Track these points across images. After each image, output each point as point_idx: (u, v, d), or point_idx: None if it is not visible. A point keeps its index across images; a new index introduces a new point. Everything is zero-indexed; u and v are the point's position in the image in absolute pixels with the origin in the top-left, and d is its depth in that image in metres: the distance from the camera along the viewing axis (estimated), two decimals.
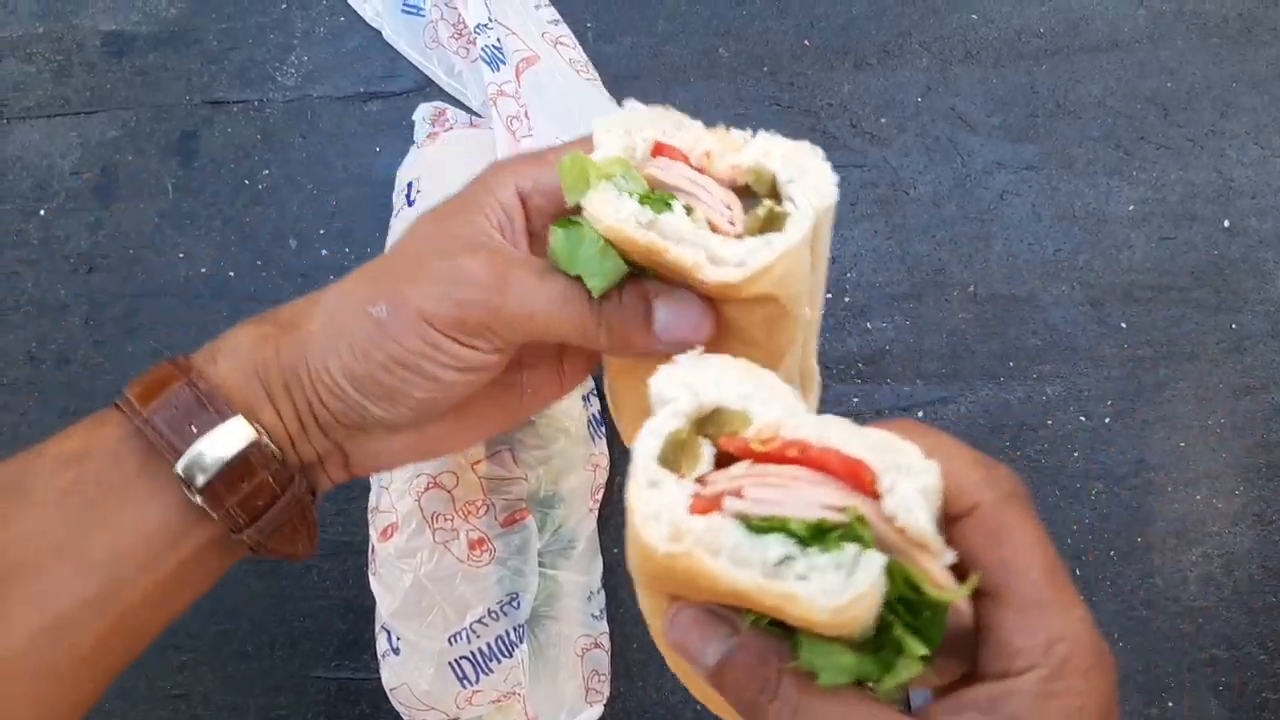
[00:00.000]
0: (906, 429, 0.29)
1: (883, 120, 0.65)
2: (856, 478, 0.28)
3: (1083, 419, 0.62)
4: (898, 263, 0.64)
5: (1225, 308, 0.62)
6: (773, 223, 0.34)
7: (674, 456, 0.29)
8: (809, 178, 0.35)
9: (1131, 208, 0.63)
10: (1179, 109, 0.64)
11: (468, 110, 0.64)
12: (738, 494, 0.28)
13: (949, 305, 0.63)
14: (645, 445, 0.29)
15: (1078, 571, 0.61)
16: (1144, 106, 0.64)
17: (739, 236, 0.34)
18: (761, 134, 0.36)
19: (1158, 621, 0.60)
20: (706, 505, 0.28)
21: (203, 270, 0.67)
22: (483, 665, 0.51)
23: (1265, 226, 0.63)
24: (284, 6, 0.69)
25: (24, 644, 0.32)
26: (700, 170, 0.36)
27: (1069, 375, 0.62)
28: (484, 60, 0.58)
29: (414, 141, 0.63)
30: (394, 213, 0.58)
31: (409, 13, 0.66)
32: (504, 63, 0.58)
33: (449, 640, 0.51)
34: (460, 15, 0.62)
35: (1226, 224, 0.63)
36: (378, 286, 0.36)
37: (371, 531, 0.54)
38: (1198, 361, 0.62)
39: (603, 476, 0.61)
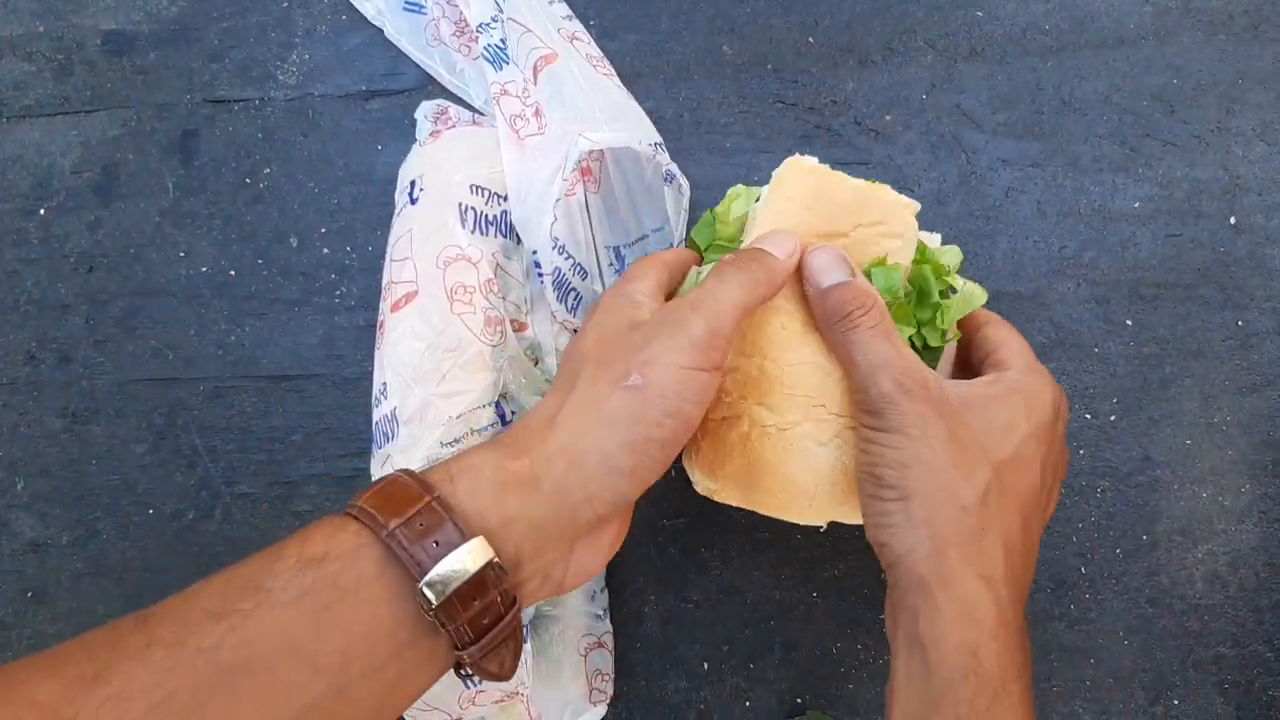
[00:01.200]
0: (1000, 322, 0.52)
1: (887, 117, 0.65)
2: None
3: (1088, 416, 0.62)
4: None
5: (1232, 305, 0.62)
6: None
7: None
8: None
9: (1137, 205, 0.63)
10: (1185, 106, 0.64)
11: (470, 108, 0.64)
12: None
13: None
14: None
15: (1083, 570, 0.60)
16: (1150, 103, 0.64)
17: None
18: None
19: (1163, 619, 0.60)
20: None
21: (203, 269, 0.67)
22: None
23: (1272, 223, 0.63)
24: (285, 5, 0.69)
25: None
26: None
27: (1074, 373, 0.62)
28: (486, 59, 0.58)
29: (416, 139, 0.62)
30: (396, 211, 0.58)
31: (411, 10, 0.66)
32: (507, 62, 0.57)
33: None
34: (461, 13, 0.62)
35: (1233, 221, 0.63)
36: (614, 370, 0.42)
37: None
38: (1204, 359, 0.62)
39: None
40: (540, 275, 0.56)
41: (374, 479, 0.41)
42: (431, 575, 0.35)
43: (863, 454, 0.45)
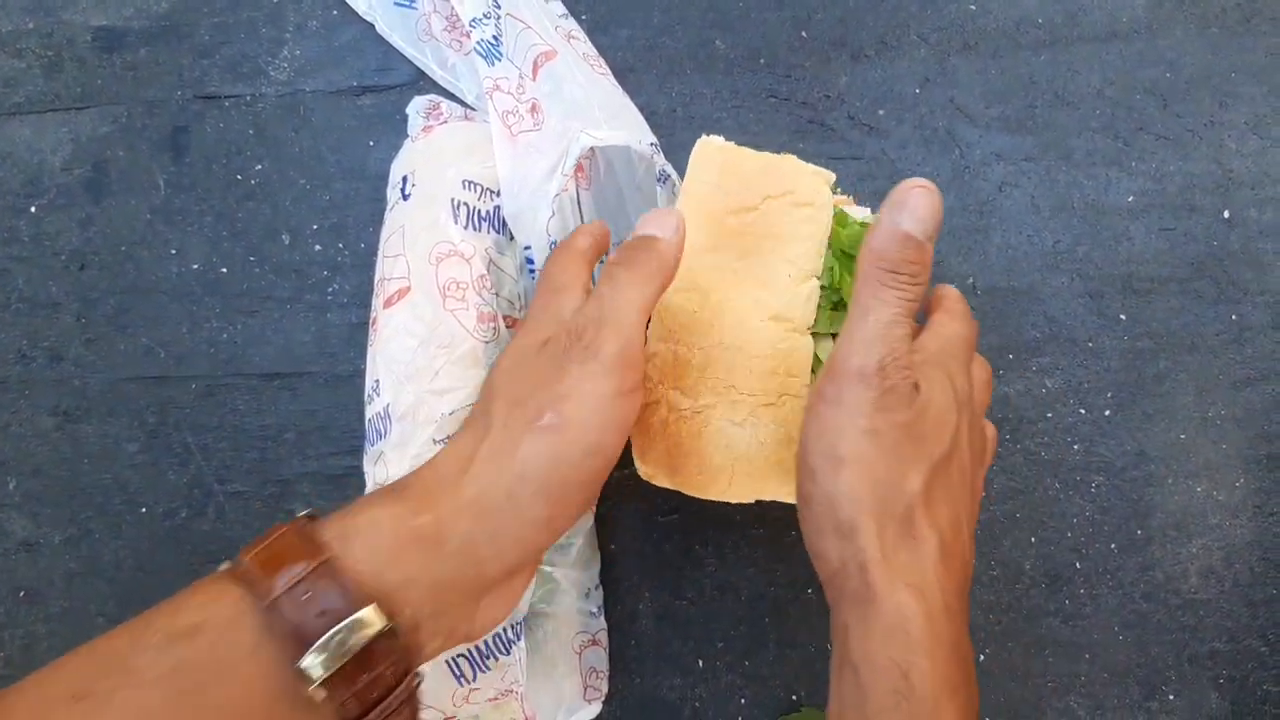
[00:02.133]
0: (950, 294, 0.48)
1: (880, 112, 0.64)
2: None
3: (1082, 411, 0.62)
4: None
5: (1225, 299, 0.62)
6: None
7: None
8: None
9: (1131, 199, 0.63)
10: (1178, 100, 0.64)
11: (462, 103, 0.64)
12: None
13: None
14: None
15: (1077, 565, 0.60)
16: (1143, 97, 0.64)
17: None
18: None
19: (1158, 614, 0.60)
20: None
21: (195, 266, 0.66)
22: (479, 663, 0.51)
23: (1265, 217, 0.62)
24: (276, 0, 0.68)
25: None
26: None
27: (1068, 367, 0.62)
28: (479, 54, 0.58)
29: (408, 135, 0.62)
30: (388, 207, 0.58)
31: (402, 6, 0.66)
32: (500, 58, 0.57)
33: None
34: (453, 8, 0.61)
35: (1226, 215, 0.63)
36: (526, 409, 0.39)
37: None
38: (1198, 353, 0.62)
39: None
40: (533, 270, 0.56)
41: (292, 517, 0.38)
42: (312, 651, 0.32)
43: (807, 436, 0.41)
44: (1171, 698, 0.59)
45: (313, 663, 0.32)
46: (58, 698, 0.31)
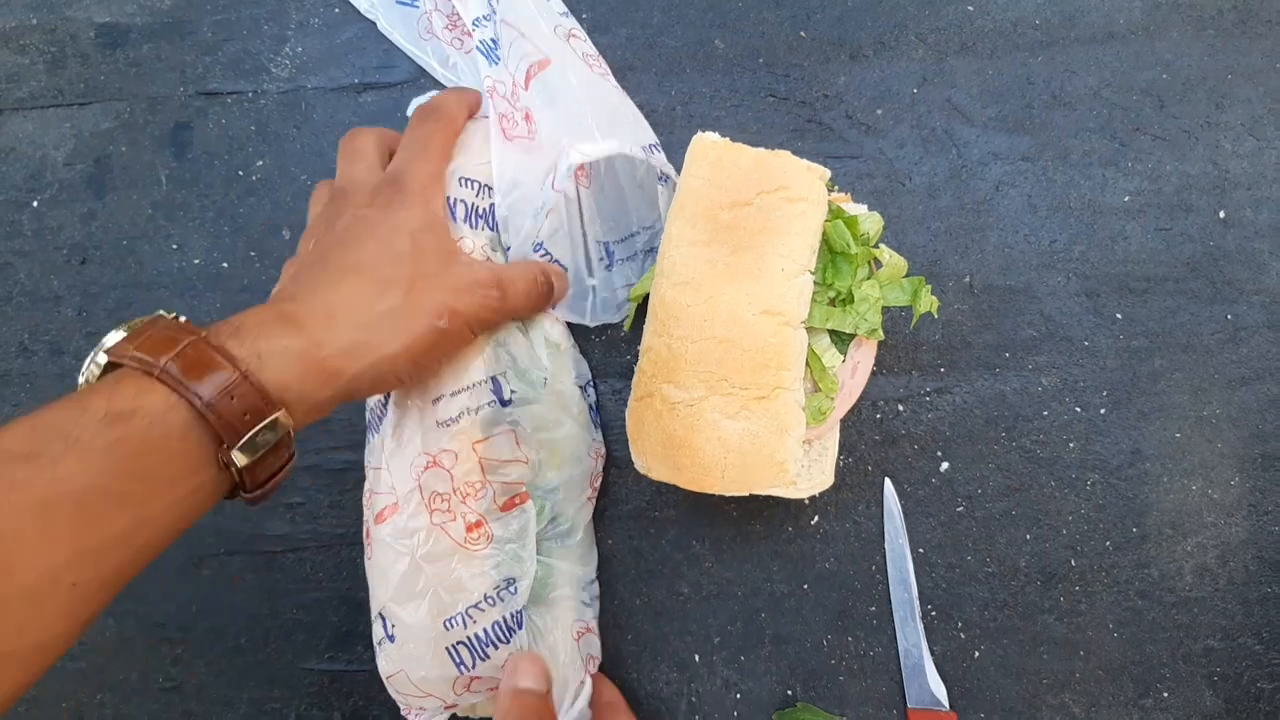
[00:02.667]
0: None
1: (879, 111, 0.65)
2: None
3: (1078, 410, 0.62)
4: None
5: (1221, 299, 0.62)
6: None
7: None
8: None
9: (1127, 199, 0.63)
10: (1174, 101, 0.64)
11: None
12: None
13: (944, 296, 0.63)
14: None
15: (1073, 562, 0.61)
16: (1139, 98, 0.64)
17: None
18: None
19: (1153, 612, 0.60)
20: None
21: (196, 261, 0.67)
22: (480, 651, 0.51)
23: (1260, 218, 0.63)
24: None
25: (66, 561, 0.37)
26: None
27: (1064, 366, 0.62)
28: (480, 53, 0.58)
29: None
30: None
31: (403, 4, 0.66)
32: (498, 60, 0.57)
33: (445, 625, 0.51)
34: (454, 6, 0.62)
35: (1222, 215, 0.63)
36: (429, 298, 0.49)
37: (367, 516, 0.54)
38: (1193, 352, 0.62)
39: (601, 466, 0.61)
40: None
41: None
42: (240, 448, 0.41)
43: None
44: (1166, 695, 0.60)
45: (238, 455, 0.42)
46: (8, 457, 0.37)
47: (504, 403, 0.53)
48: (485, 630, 0.51)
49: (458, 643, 0.51)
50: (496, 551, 0.52)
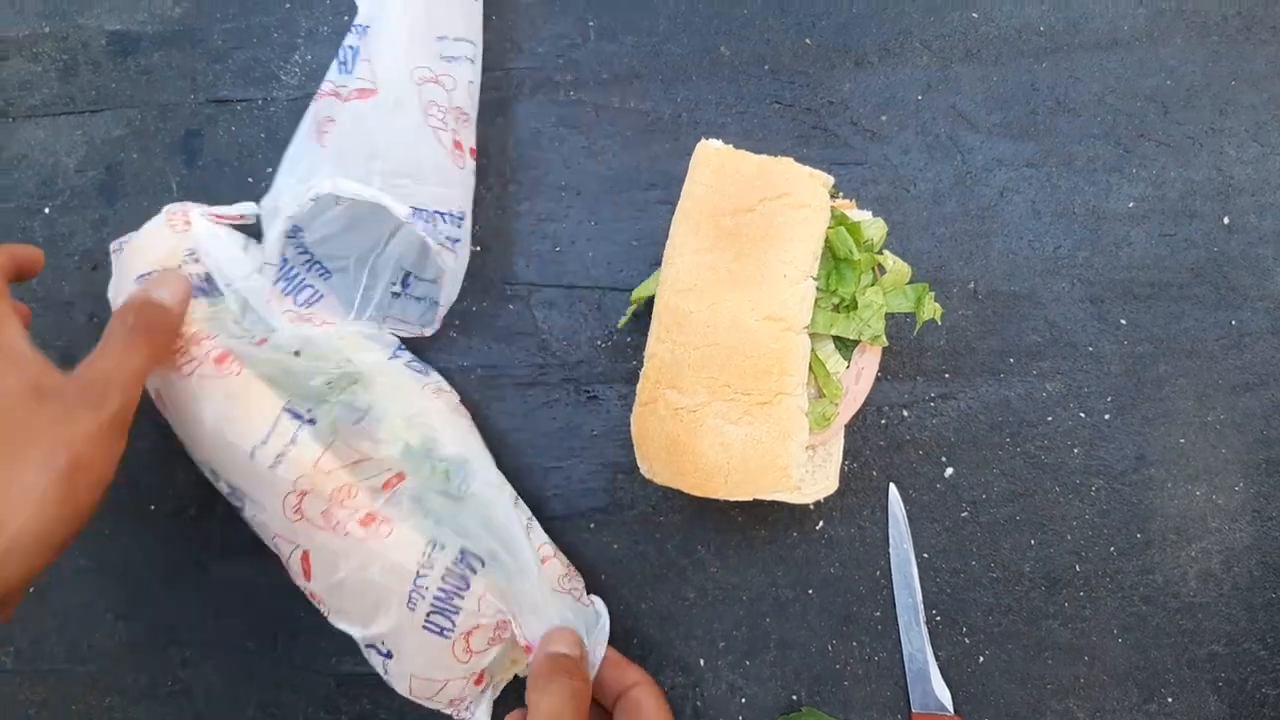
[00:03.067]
0: None
1: (883, 118, 0.65)
2: None
3: (1082, 415, 0.62)
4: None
5: (1225, 304, 0.62)
6: None
7: None
8: None
9: (1131, 205, 0.64)
10: (1179, 107, 0.64)
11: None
12: None
13: (949, 302, 0.63)
14: None
15: (1077, 568, 0.61)
16: (1144, 104, 0.64)
17: None
18: None
19: (1157, 618, 0.60)
20: None
21: None
22: (449, 607, 0.52)
23: (1265, 223, 0.63)
24: (288, 6, 0.69)
25: None
26: None
27: (1069, 372, 0.62)
28: (338, 59, 0.60)
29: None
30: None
31: None
32: (350, 71, 0.60)
33: (409, 608, 0.52)
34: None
35: (1226, 221, 0.63)
36: (39, 449, 0.45)
37: (302, 585, 0.56)
38: (1197, 358, 0.62)
39: (455, 398, 0.63)
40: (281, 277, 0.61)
41: None
42: None
43: None
44: (1170, 701, 0.60)
45: None
46: None
47: (311, 421, 0.55)
48: (441, 589, 0.52)
49: (428, 615, 0.52)
50: (407, 527, 0.53)
